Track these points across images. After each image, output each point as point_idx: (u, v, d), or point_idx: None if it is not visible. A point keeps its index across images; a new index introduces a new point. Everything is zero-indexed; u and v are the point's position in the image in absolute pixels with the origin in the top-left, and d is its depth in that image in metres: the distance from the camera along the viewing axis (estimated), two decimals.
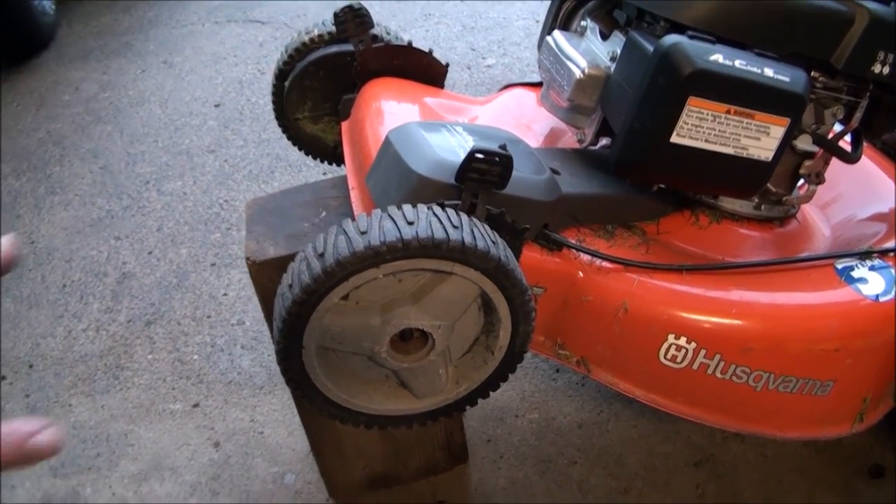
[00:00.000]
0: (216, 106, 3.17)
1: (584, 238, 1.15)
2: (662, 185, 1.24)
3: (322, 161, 1.64)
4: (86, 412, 1.94)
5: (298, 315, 0.82)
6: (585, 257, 1.12)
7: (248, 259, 1.16)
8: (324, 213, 1.27)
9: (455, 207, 0.90)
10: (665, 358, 1.11)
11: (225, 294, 2.27)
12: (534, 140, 1.43)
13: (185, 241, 2.48)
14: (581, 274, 1.11)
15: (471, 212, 0.94)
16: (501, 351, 0.96)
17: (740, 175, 1.14)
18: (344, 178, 1.29)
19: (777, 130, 1.09)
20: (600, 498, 1.67)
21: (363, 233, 0.80)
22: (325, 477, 1.62)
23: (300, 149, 1.60)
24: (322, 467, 1.59)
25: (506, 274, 0.86)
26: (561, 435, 1.80)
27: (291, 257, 0.88)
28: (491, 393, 1.02)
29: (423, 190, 0.97)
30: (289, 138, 1.58)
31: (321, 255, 0.80)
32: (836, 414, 1.21)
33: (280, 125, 1.57)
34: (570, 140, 1.40)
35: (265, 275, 1.17)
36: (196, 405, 1.93)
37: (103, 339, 2.15)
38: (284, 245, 1.20)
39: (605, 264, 1.12)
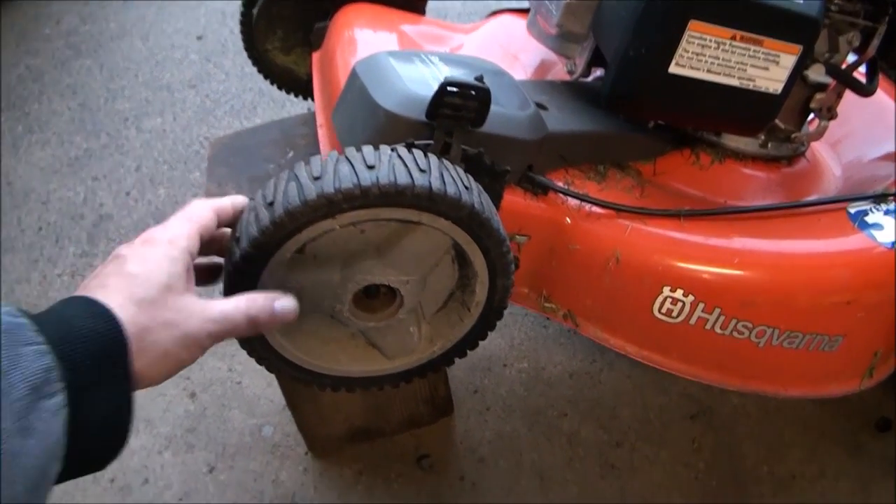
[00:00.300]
0: (198, 38, 3.04)
1: (573, 180, 1.06)
2: (660, 121, 1.15)
3: (296, 95, 1.53)
4: None
5: (246, 272, 0.72)
6: (573, 202, 1.03)
7: None
8: (291, 154, 1.17)
9: (426, 148, 0.80)
10: (660, 312, 1.03)
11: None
12: (521, 72, 1.32)
13: (163, 181, 2.38)
14: (568, 220, 1.02)
15: (444, 153, 0.84)
16: (479, 307, 0.87)
17: (746, 109, 1.05)
18: (314, 115, 1.19)
19: (788, 59, 1.00)
20: (591, 452, 1.61)
21: (316, 178, 0.69)
22: (302, 431, 1.55)
23: (272, 82, 1.49)
24: (299, 422, 1.52)
25: (480, 223, 0.76)
26: (551, 386, 1.73)
27: None
28: (469, 352, 0.93)
29: (392, 128, 0.88)
30: (259, 71, 1.48)
31: (270, 205, 0.70)
32: (845, 370, 1.13)
33: (250, 57, 1.46)
34: (559, 72, 1.29)
35: None
36: None
37: (78, 284, 2.07)
38: (248, 189, 1.12)
39: (596, 209, 1.03)
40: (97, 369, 0.50)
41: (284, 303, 0.66)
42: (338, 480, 1.59)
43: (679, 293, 1.00)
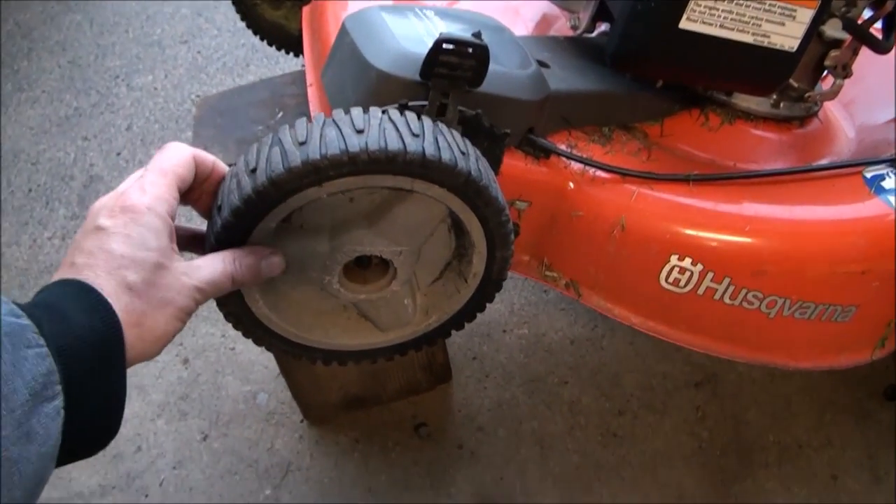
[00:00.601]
0: None
1: (576, 143, 1.01)
2: (668, 80, 1.09)
3: (288, 52, 1.47)
4: None
5: (229, 242, 0.68)
6: (577, 166, 0.98)
7: None
8: (280, 114, 1.12)
9: (421, 109, 0.75)
10: (667, 282, 0.98)
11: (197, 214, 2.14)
12: (522, 27, 1.26)
13: (154, 141, 2.33)
14: (572, 185, 0.98)
15: (440, 114, 0.79)
16: (476, 278, 0.82)
17: (760, 67, 1.00)
18: (305, 73, 1.13)
19: (805, 14, 0.95)
20: (592, 420, 1.58)
21: (301, 144, 0.64)
22: (297, 399, 1.52)
23: (261, 38, 1.42)
24: (294, 389, 1.49)
25: (478, 191, 0.71)
26: (551, 352, 1.69)
27: None
28: (466, 324, 0.89)
29: (384, 88, 0.82)
30: (248, 26, 1.41)
31: (253, 172, 0.65)
32: (857, 341, 1.10)
33: (238, 11, 1.39)
34: (563, 27, 1.23)
35: None
36: None
37: (69, 247, 2.03)
38: (234, 151, 1.07)
39: (600, 174, 0.98)
40: (94, 367, 0.50)
41: (272, 261, 0.66)
42: (334, 448, 1.56)
43: (687, 262, 0.96)
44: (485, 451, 1.54)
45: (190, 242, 0.70)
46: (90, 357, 0.49)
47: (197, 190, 0.67)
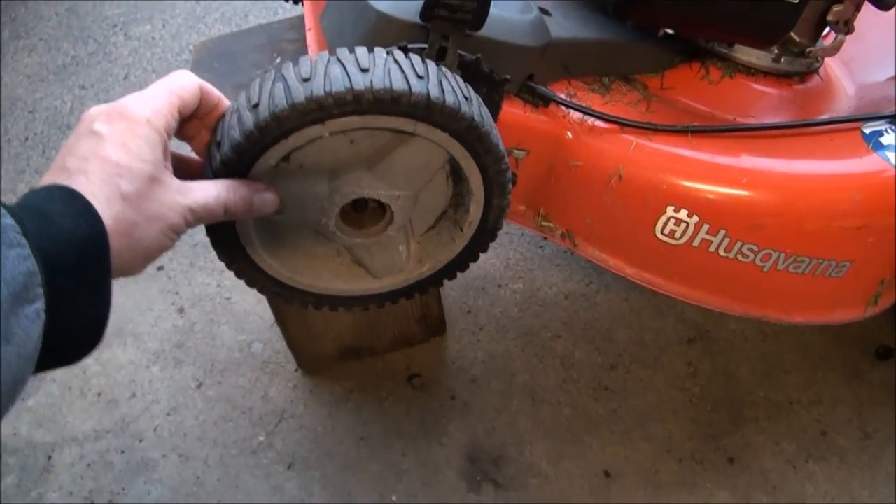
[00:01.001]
0: None
1: (576, 92, 1.01)
2: (669, 30, 1.09)
3: (286, 0, 1.45)
4: None
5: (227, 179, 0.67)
6: (576, 115, 0.97)
7: None
8: (279, 59, 1.11)
9: (420, 53, 0.74)
10: (662, 233, 0.99)
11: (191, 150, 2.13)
12: None
13: None
14: (570, 134, 0.97)
15: (440, 58, 0.78)
16: (472, 227, 0.82)
17: (763, 18, 0.99)
18: (303, 18, 1.12)
19: None
20: (585, 374, 1.59)
21: (305, 80, 0.63)
22: (292, 348, 1.53)
23: None
24: (288, 339, 1.49)
25: (479, 137, 0.71)
26: (545, 307, 1.70)
27: None
28: (460, 274, 0.89)
29: (383, 30, 0.82)
30: None
31: (255, 107, 0.64)
32: (850, 297, 1.10)
33: None
34: None
35: None
36: (160, 268, 1.82)
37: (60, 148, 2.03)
38: (232, 96, 1.05)
39: (599, 123, 0.98)
40: (78, 272, 0.48)
41: (265, 196, 0.65)
42: (328, 397, 1.57)
43: (683, 213, 0.96)
44: (477, 402, 1.56)
45: (179, 171, 0.66)
46: (75, 262, 0.48)
47: (196, 124, 0.66)
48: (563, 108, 0.97)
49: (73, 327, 0.49)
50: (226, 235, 0.73)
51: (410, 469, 1.48)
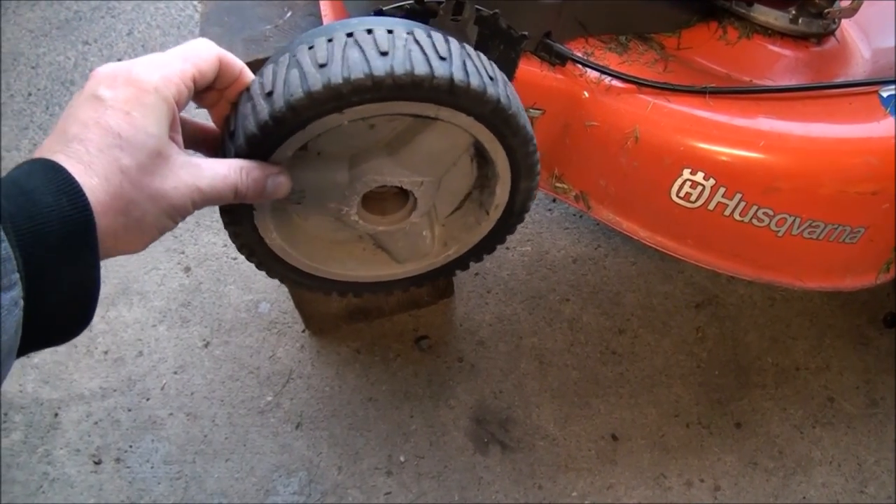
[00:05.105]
0: None
1: (593, 51, 0.99)
2: None
3: None
4: None
5: None
6: (593, 74, 0.96)
7: None
8: (289, 14, 1.09)
9: (437, 7, 0.72)
10: (677, 196, 0.97)
11: (198, 108, 2.10)
12: None
13: (156, 46, 2.29)
14: (586, 94, 0.96)
15: (457, 13, 0.76)
16: (498, 210, 0.79)
17: None
18: None
19: None
20: (592, 337, 1.59)
21: (322, 66, 0.59)
22: (299, 309, 1.52)
23: None
24: (296, 300, 1.49)
25: (506, 119, 0.67)
26: (554, 270, 1.69)
27: (250, 65, 0.69)
28: (486, 256, 0.87)
29: None
30: None
31: (269, 95, 0.60)
32: (863, 263, 1.09)
33: None
34: None
35: None
36: None
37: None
38: (242, 51, 1.04)
39: (616, 83, 0.96)
40: (60, 253, 0.45)
41: (278, 180, 0.61)
42: (335, 358, 1.58)
43: (699, 176, 0.95)
44: (484, 364, 1.56)
45: (195, 140, 0.64)
46: (57, 241, 0.44)
47: (216, 94, 0.62)
48: (579, 66, 0.95)
49: (58, 308, 0.46)
50: (244, 227, 0.70)
51: (418, 430, 1.48)
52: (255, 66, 0.63)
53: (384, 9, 0.69)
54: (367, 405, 1.51)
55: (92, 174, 0.47)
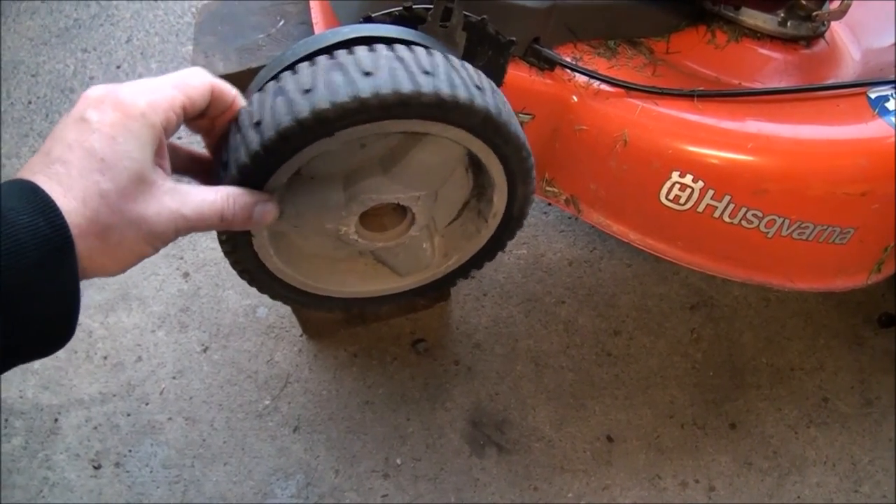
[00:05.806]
0: None
1: (582, 56, 1.00)
2: None
3: None
4: None
5: None
6: (582, 78, 0.97)
7: None
8: (282, 22, 1.10)
9: (426, 13, 0.73)
10: (667, 198, 0.98)
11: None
12: None
13: (155, 54, 2.30)
14: (575, 98, 0.97)
15: (445, 19, 0.77)
16: (496, 217, 0.79)
17: None
18: None
19: None
20: (588, 339, 1.59)
21: (306, 91, 0.60)
22: (297, 313, 1.54)
23: None
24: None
25: (497, 129, 0.66)
26: (549, 273, 1.70)
27: (243, 74, 0.69)
28: (487, 263, 0.87)
29: None
30: None
31: (257, 125, 0.59)
32: (853, 264, 1.10)
33: None
34: None
35: None
36: None
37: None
38: (236, 60, 1.05)
39: (605, 87, 0.97)
40: (37, 272, 0.45)
41: (266, 207, 0.60)
42: (332, 362, 1.58)
43: (688, 179, 0.96)
44: (481, 367, 1.57)
45: (188, 167, 0.64)
46: (32, 262, 0.44)
47: (209, 122, 0.62)
48: (568, 71, 0.96)
49: (36, 327, 0.46)
50: (244, 254, 0.70)
51: (414, 433, 1.49)
52: (249, 75, 0.63)
53: (373, 15, 0.69)
54: (364, 408, 1.52)
55: (70, 197, 0.47)
